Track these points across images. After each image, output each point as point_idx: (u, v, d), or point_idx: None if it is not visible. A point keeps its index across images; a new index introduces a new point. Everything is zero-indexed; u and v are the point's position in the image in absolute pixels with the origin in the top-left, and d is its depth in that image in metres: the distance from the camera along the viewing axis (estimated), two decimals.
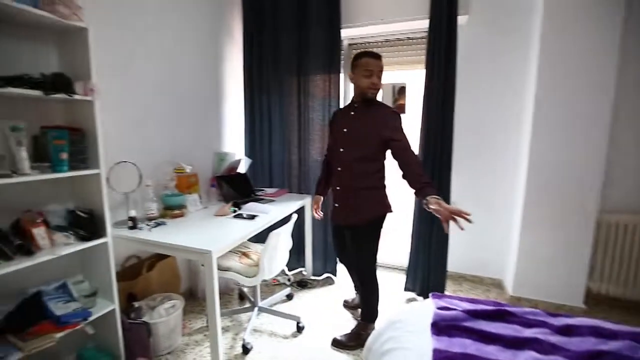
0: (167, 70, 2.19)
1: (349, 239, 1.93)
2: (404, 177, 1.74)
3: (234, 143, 2.91)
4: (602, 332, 1.11)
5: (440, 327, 1.15)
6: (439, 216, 1.49)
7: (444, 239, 2.38)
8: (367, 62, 1.77)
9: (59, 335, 1.36)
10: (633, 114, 2.24)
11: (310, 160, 2.70)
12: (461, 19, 2.36)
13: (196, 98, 2.47)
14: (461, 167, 2.56)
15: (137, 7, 1.94)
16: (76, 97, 1.39)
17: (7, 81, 1.20)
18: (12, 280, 1.36)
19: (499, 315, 1.22)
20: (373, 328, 1.84)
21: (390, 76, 2.91)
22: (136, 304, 1.81)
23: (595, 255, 2.31)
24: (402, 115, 1.83)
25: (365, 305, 1.97)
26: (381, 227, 1.90)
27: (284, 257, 2.12)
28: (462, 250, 2.73)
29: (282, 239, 2.01)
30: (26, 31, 1.41)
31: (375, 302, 1.96)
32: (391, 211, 1.92)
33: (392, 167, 1.86)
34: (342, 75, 2.64)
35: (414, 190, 1.69)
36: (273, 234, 1.85)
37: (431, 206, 1.53)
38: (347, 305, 2.35)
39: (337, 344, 1.93)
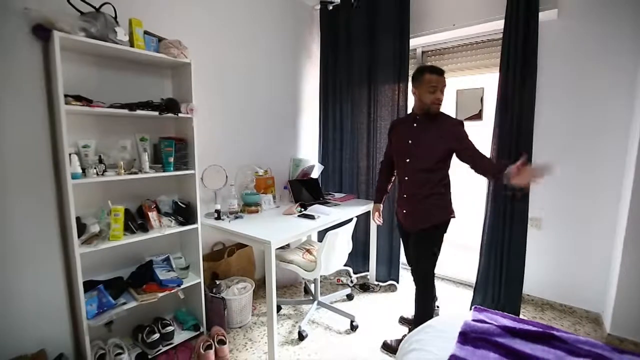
0: (253, 88, 2.60)
1: (412, 243, 1.97)
2: (479, 171, 1.75)
3: (309, 150, 3.21)
4: None
5: (469, 338, 1.13)
6: (521, 182, 1.46)
7: (520, 252, 2.17)
8: (431, 78, 1.80)
9: (161, 294, 1.80)
10: None
11: (377, 167, 2.78)
12: (548, 14, 2.15)
13: (277, 110, 2.84)
14: (550, 178, 2.28)
15: (230, 40, 2.40)
16: (181, 115, 1.84)
17: (138, 106, 1.69)
18: (134, 250, 1.87)
19: (544, 337, 1.11)
20: None
21: (466, 81, 2.79)
22: (217, 282, 2.21)
23: None
24: (476, 120, 1.79)
25: (419, 309, 1.94)
26: (444, 232, 1.90)
27: (342, 257, 2.26)
28: (550, 273, 2.42)
29: (340, 240, 2.16)
30: (151, 68, 1.93)
31: (429, 309, 1.93)
32: (454, 217, 1.90)
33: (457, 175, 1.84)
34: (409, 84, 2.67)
35: (495, 178, 1.65)
36: (330, 234, 2.02)
37: (512, 178, 1.48)
38: (404, 320, 2.31)
39: (386, 347, 1.97)
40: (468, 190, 2.37)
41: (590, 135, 2.20)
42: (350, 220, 2.26)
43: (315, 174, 3.02)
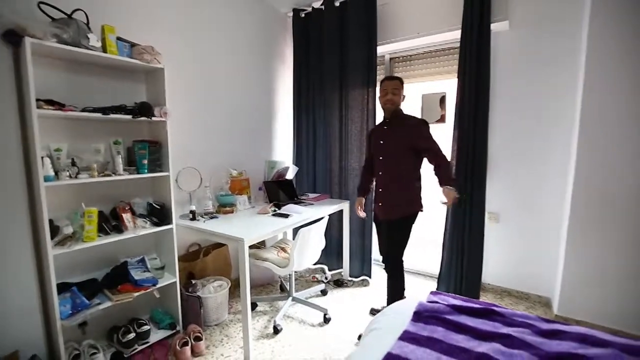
0: (225, 91, 2.68)
1: (384, 231, 2.21)
2: (436, 174, 2.05)
3: (283, 152, 3.31)
4: (591, 339, 1.08)
5: (421, 316, 1.26)
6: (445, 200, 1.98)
7: (478, 247, 2.35)
8: (383, 84, 2.17)
9: (136, 294, 1.83)
10: None
11: (349, 168, 2.92)
12: (500, 25, 2.36)
13: (251, 114, 2.93)
14: (505, 175, 2.50)
15: (204, 45, 2.47)
16: (154, 119, 1.89)
17: (111, 110, 1.74)
18: (108, 251, 1.90)
19: (485, 313, 1.26)
20: None
21: (430, 86, 2.99)
22: (193, 281, 2.26)
23: None
24: (439, 123, 2.16)
25: (392, 292, 2.19)
26: (412, 223, 2.16)
27: (315, 253, 2.37)
28: (507, 263, 2.62)
29: (312, 237, 2.27)
30: (124, 73, 1.98)
31: (401, 291, 2.18)
32: (422, 210, 2.15)
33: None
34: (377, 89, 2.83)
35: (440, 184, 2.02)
36: (302, 231, 2.13)
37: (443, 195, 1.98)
38: (374, 311, 2.41)
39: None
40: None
41: (538, 135, 2.42)
42: (322, 218, 2.37)
43: (289, 175, 3.12)
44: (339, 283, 2.88)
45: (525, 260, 2.56)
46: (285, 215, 2.28)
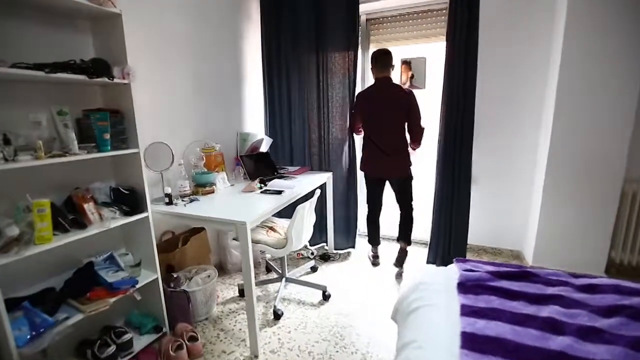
0: (190, 52, 2.24)
1: (400, 186, 2.51)
2: (411, 137, 2.44)
3: (255, 123, 2.98)
4: (623, 289, 1.16)
5: (467, 287, 1.22)
6: None
7: (464, 210, 2.42)
8: (381, 59, 2.35)
9: (113, 299, 1.50)
10: None
11: (331, 137, 2.75)
12: None
13: (217, 78, 2.53)
14: (481, 138, 2.57)
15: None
16: (115, 80, 1.47)
17: (56, 67, 1.28)
18: (66, 252, 1.50)
19: (522, 275, 1.28)
20: None
21: (410, 50, 2.89)
22: (174, 275, 1.95)
23: (617, 224, 2.31)
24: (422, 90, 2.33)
25: (409, 233, 2.58)
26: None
27: (309, 230, 2.21)
28: (481, 222, 2.77)
29: (307, 213, 2.10)
30: (64, 19, 1.48)
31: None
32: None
33: None
34: (360, 52, 2.65)
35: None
36: (300, 208, 1.94)
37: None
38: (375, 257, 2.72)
39: (400, 264, 2.56)
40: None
41: (513, 103, 2.52)
42: (313, 192, 2.20)
43: (264, 148, 2.84)
44: (325, 257, 2.80)
45: (498, 219, 2.75)
46: (278, 192, 2.06)
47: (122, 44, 1.50)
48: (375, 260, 2.71)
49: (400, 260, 2.57)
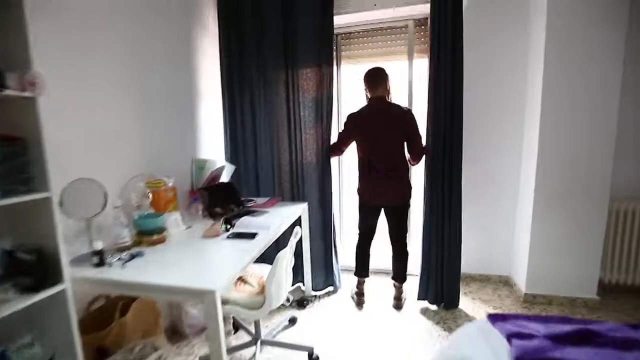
0: (132, 63, 1.78)
1: (395, 214, 2.28)
2: (412, 158, 2.24)
3: (214, 148, 2.53)
4: None
5: None
6: None
7: (456, 239, 2.21)
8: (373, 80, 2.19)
9: None
10: None
11: (305, 162, 2.40)
12: None
13: (168, 96, 2.06)
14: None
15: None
16: (8, 92, 0.98)
17: None
18: None
19: (585, 336, 1.02)
20: None
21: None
22: None
23: (606, 243, 2.26)
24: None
25: (405, 270, 2.36)
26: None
27: (290, 279, 1.81)
28: (467, 249, 2.56)
29: (289, 261, 1.70)
30: None
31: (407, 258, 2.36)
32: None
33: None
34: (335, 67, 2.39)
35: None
36: (280, 256, 1.54)
37: None
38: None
39: (399, 307, 2.31)
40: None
41: (492, 123, 2.43)
42: (290, 230, 1.82)
43: (225, 177, 2.40)
44: (303, 303, 2.37)
45: (483, 245, 2.59)
46: (250, 235, 1.64)
47: (24, 40, 1.03)
48: (360, 299, 2.38)
49: (398, 303, 2.32)
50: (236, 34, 2.38)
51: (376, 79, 2.17)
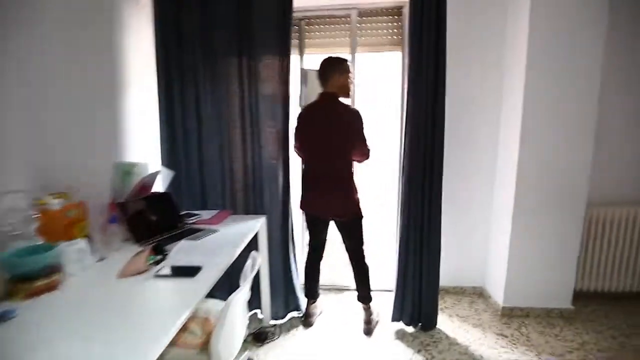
0: (23, 39, 1.23)
1: (347, 228, 1.99)
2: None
3: (144, 149, 2.00)
4: None
5: None
6: None
7: (435, 253, 1.98)
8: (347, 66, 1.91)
9: None
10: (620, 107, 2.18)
11: (263, 167, 2.01)
12: None
13: (78, 81, 1.52)
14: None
15: None
16: None
17: None
18: None
19: None
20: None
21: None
22: None
23: (581, 251, 2.19)
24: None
25: (369, 288, 2.07)
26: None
27: (245, 322, 1.41)
28: (442, 263, 2.39)
29: (243, 308, 1.31)
30: None
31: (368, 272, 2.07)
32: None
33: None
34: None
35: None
36: (232, 303, 1.13)
37: None
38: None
39: (370, 333, 2.02)
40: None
41: (465, 129, 2.26)
42: (247, 255, 1.42)
43: (160, 186, 1.91)
44: (261, 337, 1.97)
45: (457, 256, 2.42)
46: (190, 271, 1.20)
47: None
48: (307, 320, 2.10)
49: (369, 328, 2.04)
50: (175, 10, 1.90)
51: (325, 72, 1.86)
